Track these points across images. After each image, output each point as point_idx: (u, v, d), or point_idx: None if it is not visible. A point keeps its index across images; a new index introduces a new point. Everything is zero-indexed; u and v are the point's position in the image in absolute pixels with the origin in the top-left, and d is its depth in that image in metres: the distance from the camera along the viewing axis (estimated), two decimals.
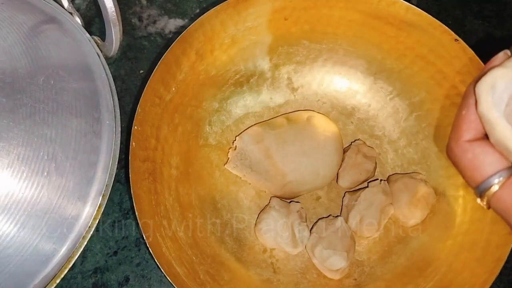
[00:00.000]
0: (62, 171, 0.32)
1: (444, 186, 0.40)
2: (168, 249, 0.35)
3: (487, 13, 0.50)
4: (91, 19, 0.47)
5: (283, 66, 0.43)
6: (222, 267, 0.38)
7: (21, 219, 0.30)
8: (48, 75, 0.33)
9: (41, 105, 0.32)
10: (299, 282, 0.39)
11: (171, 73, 0.38)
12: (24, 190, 0.30)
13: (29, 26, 0.35)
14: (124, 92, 0.45)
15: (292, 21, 0.40)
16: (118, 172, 0.42)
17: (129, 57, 0.46)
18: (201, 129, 0.42)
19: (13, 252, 0.31)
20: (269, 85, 0.44)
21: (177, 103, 0.39)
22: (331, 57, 0.43)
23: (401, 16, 0.38)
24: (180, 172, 0.39)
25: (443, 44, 0.38)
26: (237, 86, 0.43)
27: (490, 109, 0.19)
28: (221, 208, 0.41)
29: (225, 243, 0.39)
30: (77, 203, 0.33)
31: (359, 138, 0.43)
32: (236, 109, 0.43)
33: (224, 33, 0.39)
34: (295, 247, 0.39)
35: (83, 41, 0.37)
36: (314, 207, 0.42)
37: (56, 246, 0.32)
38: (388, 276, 0.39)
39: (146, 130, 0.36)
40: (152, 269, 0.40)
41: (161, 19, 0.48)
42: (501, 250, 0.34)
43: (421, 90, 0.41)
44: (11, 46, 0.33)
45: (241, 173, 0.41)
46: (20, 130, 0.31)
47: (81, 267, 0.40)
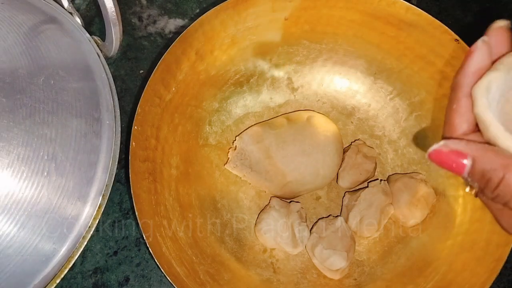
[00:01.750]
0: (62, 171, 0.32)
1: (444, 186, 0.40)
2: (168, 249, 0.35)
3: (487, 13, 0.50)
4: (91, 19, 0.47)
5: (283, 66, 0.43)
6: (222, 267, 0.38)
7: (21, 219, 0.30)
8: (48, 75, 0.33)
9: (41, 105, 0.32)
10: (299, 282, 0.39)
11: (171, 73, 0.38)
12: (24, 190, 0.30)
13: (29, 26, 0.35)
14: (124, 92, 0.45)
15: (292, 21, 0.40)
16: (118, 172, 0.42)
17: (129, 57, 0.46)
18: (201, 129, 0.42)
19: (13, 252, 0.31)
20: (269, 85, 0.44)
21: (177, 103, 0.39)
22: (331, 57, 0.43)
23: (401, 16, 0.38)
24: (180, 172, 0.39)
25: (443, 44, 0.38)
26: (237, 86, 0.43)
27: (485, 110, 0.21)
28: (221, 208, 0.41)
29: (225, 243, 0.39)
30: (77, 203, 0.33)
31: (359, 138, 0.43)
32: (236, 109, 0.43)
33: (224, 33, 0.39)
34: (295, 247, 0.39)
35: (83, 41, 0.37)
36: (314, 207, 0.42)
37: (56, 246, 0.32)
38: (388, 276, 0.39)
39: (146, 130, 0.36)
40: (152, 269, 0.40)
41: (161, 19, 0.48)
42: (501, 250, 0.34)
43: (421, 90, 0.41)
44: (11, 46, 0.33)
45: (241, 173, 0.41)
46: (20, 130, 0.30)
47: (81, 267, 0.40)
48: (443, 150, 0.21)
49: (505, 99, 0.22)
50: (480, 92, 0.21)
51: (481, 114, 0.21)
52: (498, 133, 0.21)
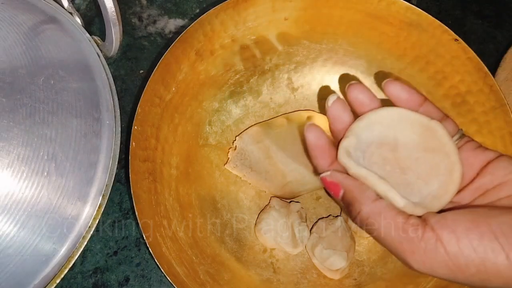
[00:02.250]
0: (62, 171, 0.32)
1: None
2: (168, 249, 0.35)
3: (487, 13, 0.50)
4: (91, 19, 0.47)
5: (283, 66, 0.43)
6: (222, 267, 0.38)
7: (21, 219, 0.30)
8: (48, 75, 0.33)
9: (41, 105, 0.32)
10: (299, 282, 0.39)
11: (171, 73, 0.38)
12: (24, 190, 0.30)
13: (29, 26, 0.35)
14: (124, 92, 0.45)
15: (292, 21, 0.40)
16: (118, 172, 0.42)
17: (129, 57, 0.46)
18: (201, 129, 0.42)
19: (13, 252, 0.31)
20: (269, 85, 0.44)
21: (177, 103, 0.39)
22: (331, 57, 0.43)
23: (401, 16, 0.38)
24: (180, 172, 0.39)
25: (443, 44, 0.38)
26: (237, 86, 0.43)
27: (357, 168, 0.26)
28: (221, 208, 0.41)
29: (225, 243, 0.39)
30: (77, 203, 0.33)
31: None
32: (236, 109, 0.43)
33: (224, 33, 0.39)
34: (295, 247, 0.39)
35: (83, 41, 0.37)
36: (314, 207, 0.42)
37: (56, 246, 0.32)
38: (388, 276, 0.39)
39: (146, 130, 0.36)
40: (152, 269, 0.40)
41: (161, 19, 0.48)
42: None
43: (421, 90, 0.41)
44: (11, 46, 0.33)
45: (241, 173, 0.41)
46: (20, 130, 0.30)
47: (81, 267, 0.40)
48: (327, 178, 0.27)
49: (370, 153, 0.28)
50: (344, 158, 0.27)
51: (356, 172, 0.26)
52: (375, 182, 0.26)
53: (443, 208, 0.26)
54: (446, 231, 0.23)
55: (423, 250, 0.23)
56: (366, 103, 0.28)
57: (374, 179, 0.26)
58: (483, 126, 0.38)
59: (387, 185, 0.26)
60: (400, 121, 0.28)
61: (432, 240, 0.23)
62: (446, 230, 0.23)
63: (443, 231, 0.23)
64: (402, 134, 0.28)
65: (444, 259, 0.23)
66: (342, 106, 0.28)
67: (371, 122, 0.28)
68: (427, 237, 0.23)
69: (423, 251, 0.23)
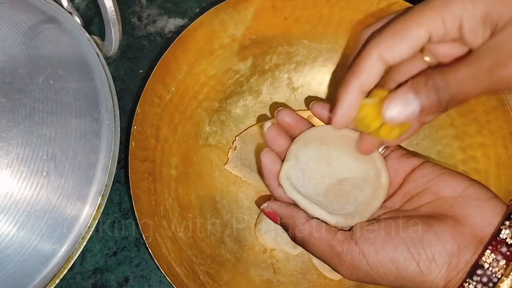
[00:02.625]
0: (61, 171, 0.32)
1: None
2: (168, 250, 0.35)
3: None
4: (91, 19, 0.47)
5: (283, 65, 0.43)
6: (222, 267, 0.38)
7: (20, 219, 0.30)
8: (47, 74, 0.33)
9: (41, 105, 0.32)
10: (299, 282, 0.39)
11: (170, 73, 0.38)
12: (23, 190, 0.30)
13: (29, 26, 0.35)
14: (124, 92, 0.45)
15: (292, 21, 0.40)
16: (118, 172, 0.42)
17: (128, 57, 0.46)
18: (201, 129, 0.41)
19: (13, 252, 0.30)
20: (269, 85, 0.44)
21: (176, 103, 0.39)
22: (332, 56, 0.43)
23: None
24: (180, 172, 0.39)
25: None
26: (237, 86, 0.43)
27: (292, 192, 0.29)
28: (221, 208, 0.41)
29: (225, 244, 0.39)
30: (77, 203, 0.33)
31: None
32: (236, 109, 0.43)
33: (224, 33, 0.39)
34: (295, 247, 0.39)
35: (83, 40, 0.37)
36: None
37: (55, 246, 0.32)
38: None
39: (146, 130, 0.36)
40: (152, 269, 0.40)
41: (161, 19, 0.48)
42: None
43: None
44: (10, 46, 0.33)
45: (241, 173, 0.41)
46: (19, 130, 0.30)
47: (80, 268, 0.40)
48: (265, 209, 0.30)
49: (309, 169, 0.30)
50: (284, 181, 0.29)
51: (291, 196, 0.29)
52: (305, 205, 0.28)
53: (375, 213, 0.29)
54: (366, 244, 0.26)
55: (349, 263, 0.26)
56: (294, 124, 0.31)
57: (305, 203, 0.28)
58: (483, 126, 0.38)
59: (316, 208, 0.28)
60: (330, 137, 0.31)
61: (356, 253, 0.26)
62: (367, 243, 0.26)
63: (365, 244, 0.26)
64: (334, 148, 0.31)
65: (366, 269, 0.26)
66: (277, 130, 0.31)
67: (306, 142, 0.30)
68: (351, 250, 0.26)
69: (349, 263, 0.26)
